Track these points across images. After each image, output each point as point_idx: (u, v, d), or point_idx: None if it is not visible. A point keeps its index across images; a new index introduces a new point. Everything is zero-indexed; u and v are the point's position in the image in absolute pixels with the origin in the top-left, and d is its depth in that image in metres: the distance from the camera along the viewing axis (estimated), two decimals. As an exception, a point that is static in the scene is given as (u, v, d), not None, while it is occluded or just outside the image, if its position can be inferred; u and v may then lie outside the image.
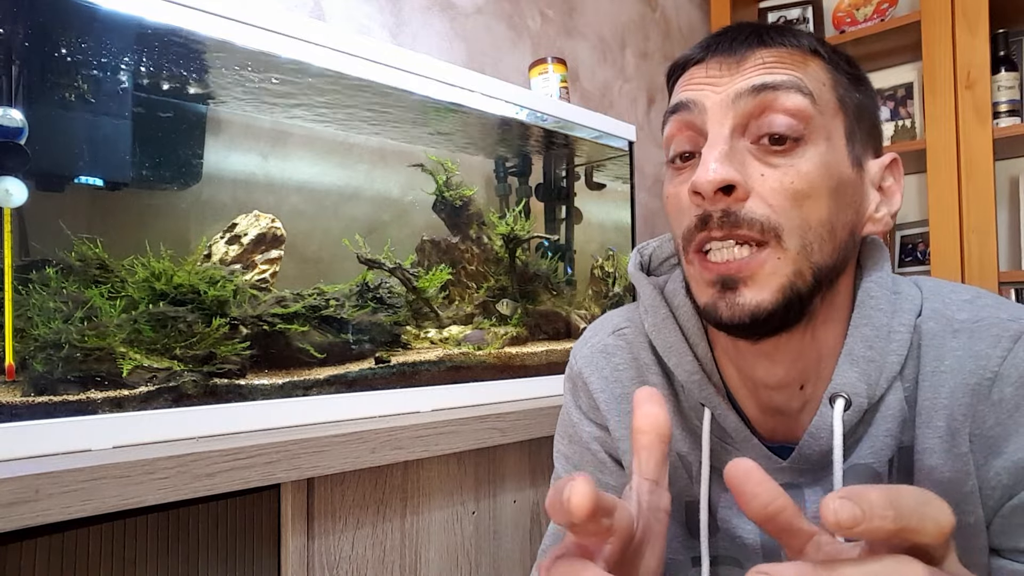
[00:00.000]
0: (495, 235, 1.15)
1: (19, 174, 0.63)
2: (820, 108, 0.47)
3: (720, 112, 0.48)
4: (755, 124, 0.47)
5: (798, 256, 0.46)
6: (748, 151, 0.47)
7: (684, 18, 2.08)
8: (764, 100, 0.46)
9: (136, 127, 0.76)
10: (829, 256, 0.47)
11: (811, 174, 0.46)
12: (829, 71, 0.49)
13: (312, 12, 1.15)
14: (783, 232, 0.46)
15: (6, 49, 0.67)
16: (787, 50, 0.48)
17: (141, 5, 0.70)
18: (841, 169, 0.48)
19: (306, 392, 0.79)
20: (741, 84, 0.47)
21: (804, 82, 0.47)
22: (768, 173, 0.46)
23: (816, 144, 0.47)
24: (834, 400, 0.49)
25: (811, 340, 0.50)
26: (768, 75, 0.47)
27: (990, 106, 1.56)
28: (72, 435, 0.61)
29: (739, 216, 0.46)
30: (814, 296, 0.47)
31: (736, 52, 0.48)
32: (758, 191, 0.46)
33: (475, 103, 1.04)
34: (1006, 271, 1.62)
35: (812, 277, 0.47)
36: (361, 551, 0.76)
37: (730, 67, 0.48)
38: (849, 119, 0.49)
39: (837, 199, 0.47)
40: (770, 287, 0.46)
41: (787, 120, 0.46)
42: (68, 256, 0.72)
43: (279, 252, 0.90)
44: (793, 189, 0.46)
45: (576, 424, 0.66)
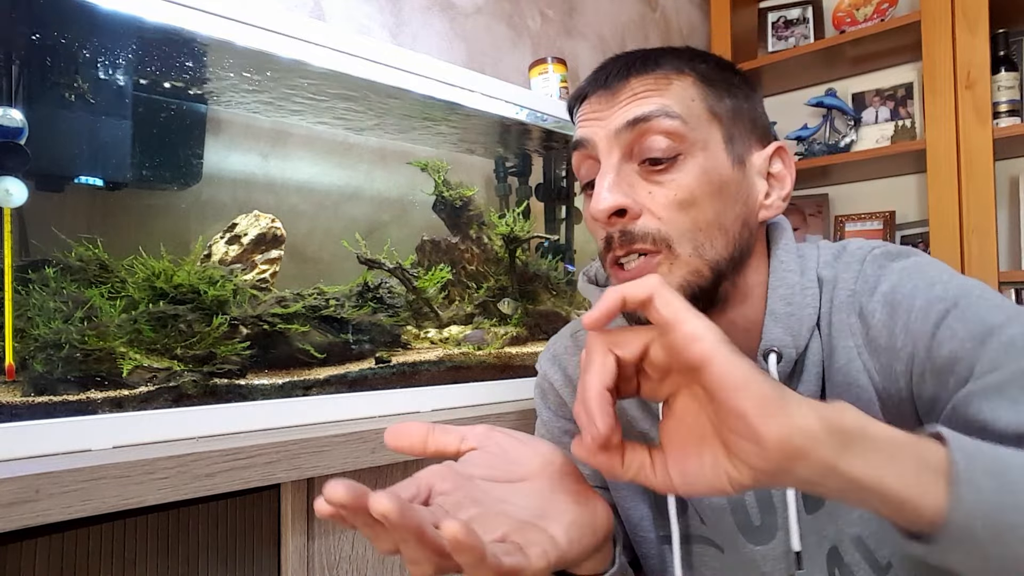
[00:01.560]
0: (495, 235, 1.15)
1: (19, 174, 0.63)
2: (691, 124, 0.52)
3: (606, 145, 0.54)
4: (638, 148, 0.53)
5: (691, 258, 0.52)
6: (636, 173, 0.53)
7: (684, 18, 2.08)
8: (640, 129, 0.52)
9: (136, 127, 0.76)
10: (724, 250, 0.53)
11: (691, 184, 0.52)
12: (698, 86, 0.54)
13: (312, 12, 1.15)
14: (673, 241, 0.52)
15: (6, 49, 0.68)
16: (653, 76, 0.53)
17: (141, 5, 0.70)
18: (721, 172, 0.53)
19: (306, 392, 0.79)
20: (618, 119, 0.53)
21: (671, 106, 0.52)
22: (654, 190, 0.52)
23: (693, 156, 0.52)
24: (767, 356, 0.55)
25: (735, 319, 0.56)
26: (638, 107, 0.52)
27: (990, 106, 1.56)
28: (72, 435, 0.61)
29: (634, 233, 0.52)
30: (717, 287, 0.54)
31: (611, 86, 0.54)
32: (648, 207, 0.52)
33: (475, 103, 1.04)
34: (1006, 271, 1.62)
35: (710, 272, 0.53)
36: (361, 551, 0.76)
37: (608, 101, 0.54)
38: (724, 124, 0.54)
39: (721, 199, 0.53)
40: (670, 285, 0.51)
41: (663, 142, 0.52)
42: (68, 256, 0.72)
43: (279, 252, 0.91)
44: (678, 200, 0.52)
45: (548, 423, 0.72)
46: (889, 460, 0.34)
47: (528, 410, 0.90)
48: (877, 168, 1.90)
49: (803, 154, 2.00)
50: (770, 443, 0.33)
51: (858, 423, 0.35)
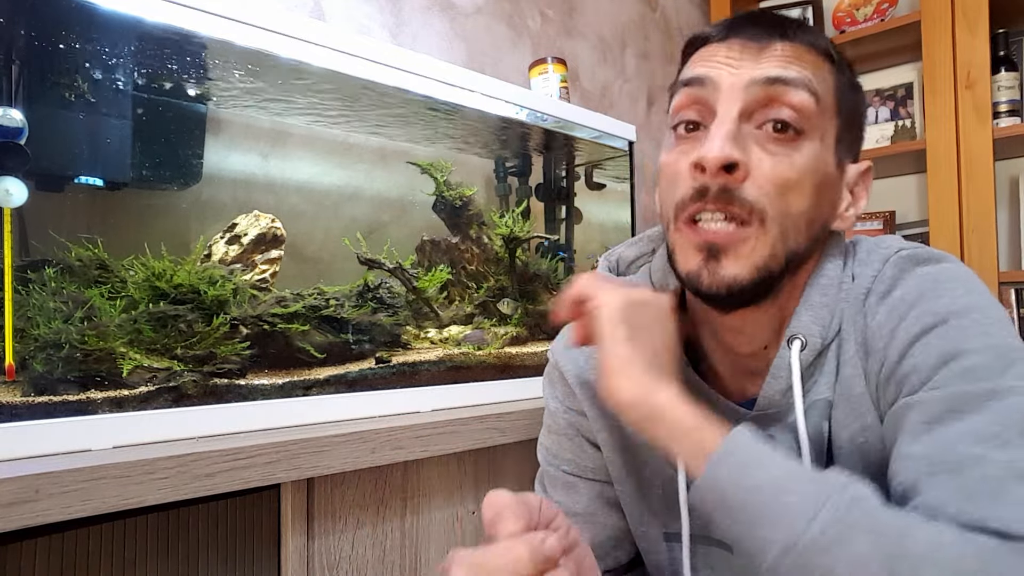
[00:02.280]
0: (495, 235, 1.15)
1: (19, 174, 0.63)
2: (821, 108, 0.51)
3: (733, 94, 0.50)
4: (761, 112, 0.50)
5: (776, 240, 0.50)
6: (751, 136, 0.51)
7: (684, 18, 2.08)
8: (775, 91, 0.50)
9: (136, 127, 0.76)
10: (802, 244, 0.52)
11: (802, 167, 0.50)
12: (835, 75, 0.53)
13: (312, 12, 1.15)
14: (767, 216, 0.50)
15: (6, 49, 0.67)
16: (805, 48, 0.51)
17: (141, 5, 0.70)
18: (827, 167, 0.52)
19: (306, 392, 0.79)
20: (757, 72, 0.50)
21: (813, 82, 0.50)
22: (765, 159, 0.50)
23: (812, 140, 0.51)
24: (791, 342, 0.54)
25: (775, 315, 0.56)
26: (783, 69, 0.50)
27: (990, 106, 1.56)
28: (72, 435, 0.61)
29: (734, 194, 0.50)
30: (783, 278, 0.53)
31: (758, 39, 0.51)
32: (753, 174, 0.50)
33: (475, 103, 1.04)
34: (1006, 271, 1.62)
35: (784, 260, 0.51)
36: (361, 551, 0.76)
37: (751, 52, 0.51)
38: (842, 122, 0.53)
39: (818, 193, 0.52)
40: (749, 264, 0.50)
41: (792, 114, 0.50)
42: (68, 256, 0.72)
43: (279, 252, 0.90)
44: (784, 177, 0.50)
45: (554, 413, 0.70)
46: (678, 437, 0.46)
47: (529, 410, 0.90)
48: (877, 168, 1.90)
49: (803, 154, 2.00)
50: (607, 397, 0.47)
51: (659, 407, 0.47)
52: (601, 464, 0.67)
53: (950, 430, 0.44)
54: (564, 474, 0.68)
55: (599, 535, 0.67)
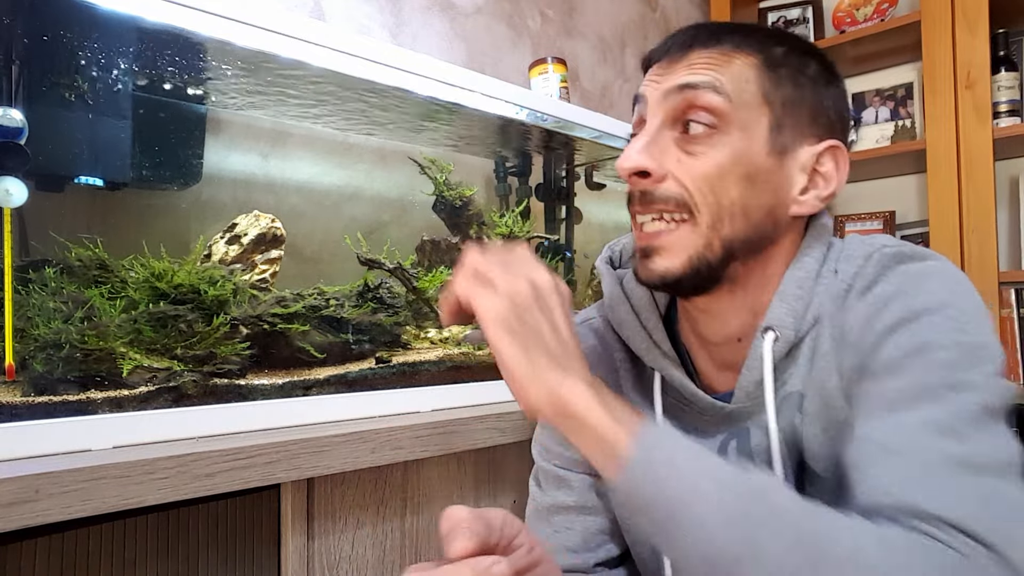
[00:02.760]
0: (495, 235, 1.15)
1: (19, 174, 0.63)
2: (736, 104, 0.53)
3: (655, 105, 0.56)
4: (681, 117, 0.55)
5: (708, 230, 0.53)
6: (673, 140, 0.55)
7: (684, 18, 2.08)
8: (687, 97, 0.54)
9: (136, 127, 0.76)
10: (741, 232, 0.54)
11: (721, 161, 0.53)
12: (759, 68, 0.54)
13: (312, 12, 1.15)
14: (694, 208, 0.53)
15: (6, 49, 0.67)
16: (716, 51, 0.54)
17: (141, 5, 0.70)
18: (753, 158, 0.54)
19: (306, 392, 0.79)
20: (671, 82, 0.55)
21: (722, 82, 0.53)
22: (684, 159, 0.54)
23: (729, 135, 0.53)
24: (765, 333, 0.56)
25: (742, 301, 0.57)
26: (692, 76, 0.54)
27: (990, 106, 1.56)
28: (72, 435, 0.61)
29: (654, 195, 0.54)
30: (728, 264, 0.54)
31: (678, 52, 0.56)
32: (675, 174, 0.54)
33: (475, 103, 1.04)
34: (1006, 271, 1.62)
35: (721, 249, 0.54)
36: (361, 551, 0.76)
37: (669, 67, 0.56)
38: (775, 112, 0.54)
39: (748, 185, 0.53)
40: (678, 257, 0.54)
41: (704, 115, 0.53)
42: (68, 256, 0.72)
43: (279, 252, 0.90)
44: (703, 173, 0.53)
45: None
46: (589, 439, 0.45)
47: (528, 410, 0.90)
48: (877, 168, 1.90)
49: (803, 154, 2.00)
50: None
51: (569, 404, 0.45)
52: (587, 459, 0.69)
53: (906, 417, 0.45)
54: (555, 468, 0.69)
55: (591, 527, 0.68)
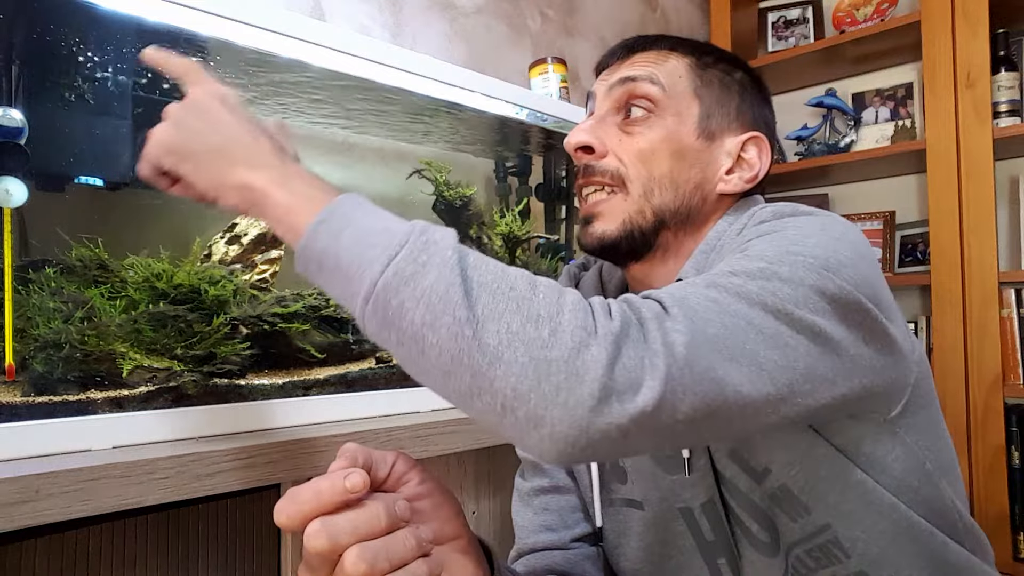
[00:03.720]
0: (495, 235, 1.15)
1: (19, 174, 0.63)
2: (670, 94, 0.63)
3: (602, 97, 0.65)
4: (623, 105, 0.64)
5: (639, 199, 0.61)
6: (616, 124, 0.64)
7: (684, 18, 2.08)
8: (628, 88, 0.63)
9: (136, 127, 0.76)
10: (670, 202, 0.62)
11: (653, 140, 0.62)
12: (691, 68, 0.64)
13: (312, 12, 1.15)
14: (627, 180, 0.61)
15: (6, 49, 0.67)
16: (654, 52, 0.65)
17: (141, 5, 0.70)
18: (683, 139, 0.62)
19: (306, 392, 0.79)
20: (615, 78, 0.65)
21: (657, 75, 0.63)
22: (624, 139, 0.63)
23: (663, 119, 0.62)
24: None
25: (673, 269, 0.63)
26: (632, 71, 0.64)
27: (990, 106, 1.56)
28: (72, 435, 0.61)
29: (595, 168, 0.63)
30: (659, 231, 0.62)
31: (624, 54, 0.66)
32: (614, 151, 0.62)
33: (475, 103, 1.04)
34: (1006, 271, 1.62)
35: (652, 216, 0.61)
36: (361, 551, 0.76)
37: (614, 67, 0.66)
38: (704, 104, 0.63)
39: (678, 160, 0.62)
40: (614, 222, 0.62)
41: (642, 101, 0.63)
42: (68, 256, 0.72)
43: (279, 252, 0.90)
44: (638, 148, 0.62)
45: None
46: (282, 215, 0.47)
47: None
48: (877, 168, 1.90)
49: (803, 154, 2.00)
50: None
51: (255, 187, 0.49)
52: None
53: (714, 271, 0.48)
54: None
55: (565, 506, 0.72)
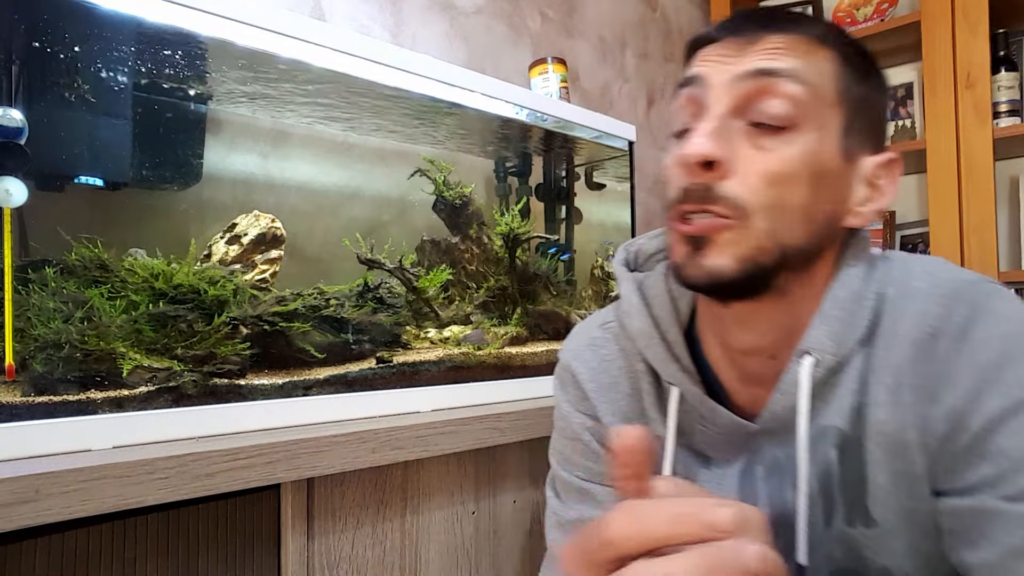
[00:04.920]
0: (495, 235, 1.15)
1: (19, 174, 0.63)
2: (816, 98, 0.49)
3: (721, 90, 0.50)
4: (751, 106, 0.49)
5: (762, 235, 0.48)
6: (741, 132, 0.49)
7: (684, 18, 2.08)
8: (762, 84, 0.48)
9: (136, 127, 0.76)
10: (800, 239, 0.49)
11: (793, 160, 0.48)
12: (836, 62, 0.50)
13: (312, 12, 1.15)
14: (751, 213, 0.48)
15: (6, 49, 0.67)
16: (795, 37, 0.49)
17: (141, 5, 0.70)
18: (826, 159, 0.49)
19: (306, 392, 0.79)
20: (745, 66, 0.49)
21: (804, 72, 0.48)
22: (753, 155, 0.48)
23: (805, 133, 0.48)
24: (802, 358, 0.51)
25: (785, 313, 0.53)
26: (770, 61, 0.48)
27: (990, 106, 1.56)
28: (72, 435, 0.61)
29: (716, 192, 0.48)
30: (779, 272, 0.50)
31: (747, 34, 0.50)
32: (740, 171, 0.48)
33: (475, 103, 1.04)
34: (1006, 271, 1.62)
35: (778, 255, 0.49)
36: (361, 551, 0.76)
37: (740, 48, 0.50)
38: (848, 112, 0.50)
39: (817, 187, 0.49)
40: (731, 254, 0.48)
41: (782, 105, 0.48)
42: (68, 256, 0.72)
43: (279, 252, 0.90)
44: (772, 172, 0.48)
45: (567, 416, 0.67)
46: None
47: (528, 410, 0.90)
48: (877, 168, 1.90)
49: (803, 154, 2.00)
50: None
51: None
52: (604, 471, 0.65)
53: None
54: (579, 479, 0.66)
55: None
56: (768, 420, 0.54)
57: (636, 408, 0.63)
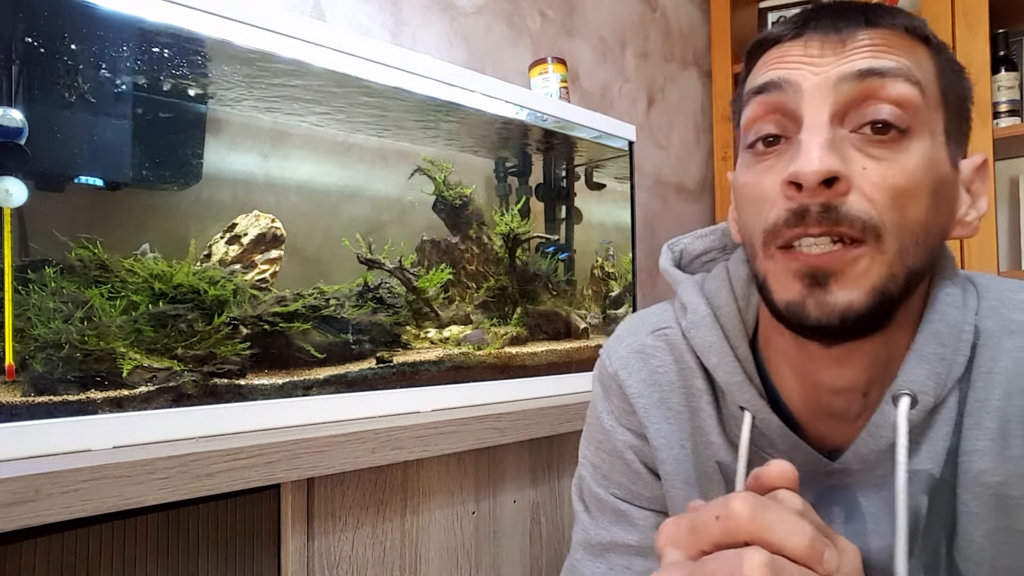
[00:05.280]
0: (495, 235, 1.15)
1: (19, 174, 0.63)
2: (926, 100, 0.44)
3: (819, 95, 0.43)
4: (856, 112, 0.43)
5: (894, 258, 0.43)
6: (848, 141, 0.43)
7: (684, 18, 2.08)
8: (869, 87, 0.43)
9: (136, 127, 0.76)
10: (921, 260, 0.44)
11: (915, 171, 0.42)
12: (935, 60, 0.45)
13: (312, 12, 1.15)
14: (884, 231, 0.42)
15: (6, 49, 0.67)
16: (895, 33, 0.44)
17: (141, 5, 0.70)
18: (941, 168, 0.44)
19: (306, 392, 0.79)
20: (845, 67, 0.43)
21: (912, 70, 0.43)
22: (870, 166, 0.42)
23: (921, 138, 0.43)
24: (898, 398, 0.46)
25: (884, 346, 0.47)
26: (875, 59, 0.43)
27: (990, 106, 1.56)
28: (72, 435, 0.61)
29: (840, 212, 0.42)
30: (903, 300, 0.45)
31: (839, 30, 0.44)
32: (859, 185, 0.42)
33: (475, 103, 1.04)
34: (1006, 271, 1.62)
35: (904, 280, 0.44)
36: (361, 551, 0.76)
37: (833, 46, 0.44)
38: (950, 114, 0.46)
39: (935, 200, 0.44)
40: (863, 287, 0.43)
41: (894, 110, 0.42)
42: (68, 256, 0.72)
43: (279, 252, 0.90)
44: (896, 186, 0.42)
45: (608, 431, 0.61)
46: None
47: (528, 410, 0.90)
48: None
49: (803, 154, 2.00)
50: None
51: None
52: (659, 494, 0.60)
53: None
54: (615, 499, 0.61)
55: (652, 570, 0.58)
56: (851, 460, 0.49)
57: (688, 429, 0.58)
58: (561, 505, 0.99)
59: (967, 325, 0.47)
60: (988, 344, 0.47)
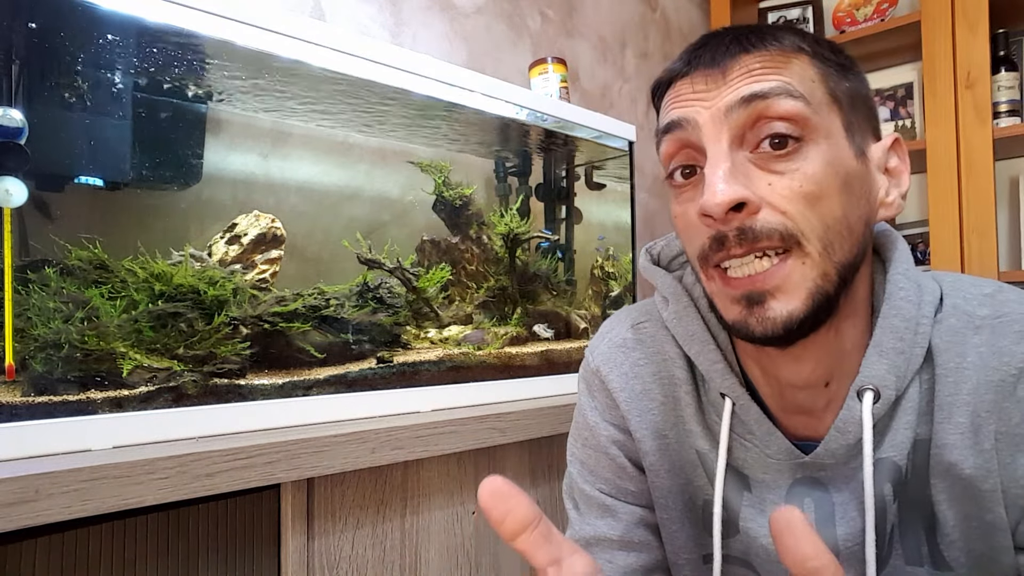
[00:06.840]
0: (495, 235, 1.15)
1: (19, 174, 0.63)
2: (814, 107, 0.46)
3: (714, 127, 0.47)
4: (751, 133, 0.46)
5: (821, 259, 0.45)
6: (750, 162, 0.46)
7: (684, 18, 2.08)
8: (756, 109, 0.46)
9: (136, 127, 0.76)
10: (850, 252, 0.47)
11: (818, 174, 0.45)
12: (816, 66, 0.48)
13: (312, 12, 1.15)
14: (802, 237, 0.45)
15: (6, 49, 0.67)
16: (770, 53, 0.47)
17: (141, 5, 0.70)
18: (846, 163, 0.47)
19: (306, 392, 0.79)
20: (729, 96, 0.46)
21: (792, 84, 0.46)
22: (775, 181, 0.45)
23: (817, 143, 0.46)
24: (862, 393, 0.49)
25: (835, 336, 0.50)
26: (756, 83, 0.46)
27: (990, 106, 1.56)
28: (72, 435, 0.61)
29: (755, 230, 0.45)
30: (840, 294, 0.47)
31: (719, 63, 0.47)
32: (769, 200, 0.45)
33: (475, 103, 1.04)
34: (1006, 271, 1.62)
35: (837, 276, 0.46)
36: (361, 551, 0.76)
37: (715, 79, 0.47)
38: (844, 110, 0.48)
39: (848, 194, 0.47)
40: (799, 295, 0.45)
41: (785, 125, 0.45)
42: (68, 256, 0.72)
43: (279, 252, 0.90)
44: (804, 193, 0.45)
45: (593, 427, 0.63)
46: None
47: (529, 410, 0.90)
48: (877, 168, 1.90)
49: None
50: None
51: None
52: (643, 488, 0.62)
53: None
54: (600, 494, 0.62)
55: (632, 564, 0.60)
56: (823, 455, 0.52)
57: (670, 419, 0.60)
58: (561, 505, 0.99)
59: (923, 318, 0.50)
60: (953, 340, 0.49)
